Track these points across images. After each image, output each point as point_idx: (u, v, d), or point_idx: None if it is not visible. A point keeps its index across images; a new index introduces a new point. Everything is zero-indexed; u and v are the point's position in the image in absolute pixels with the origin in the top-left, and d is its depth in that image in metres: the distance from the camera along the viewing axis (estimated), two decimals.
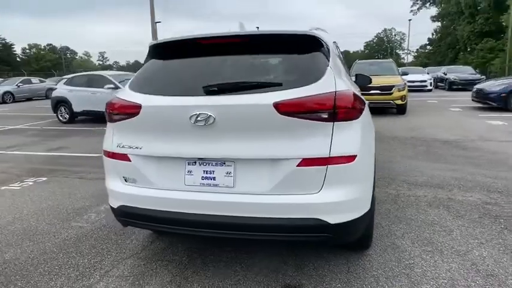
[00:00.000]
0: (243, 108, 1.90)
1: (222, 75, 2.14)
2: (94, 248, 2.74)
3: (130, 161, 2.15)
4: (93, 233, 3.02)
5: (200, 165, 2.01)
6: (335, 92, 1.81)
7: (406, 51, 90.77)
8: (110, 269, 2.42)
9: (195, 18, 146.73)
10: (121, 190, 2.20)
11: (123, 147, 2.17)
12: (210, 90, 1.96)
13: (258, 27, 2.61)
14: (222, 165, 1.96)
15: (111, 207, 2.35)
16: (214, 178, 1.98)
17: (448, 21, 54.42)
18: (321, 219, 1.84)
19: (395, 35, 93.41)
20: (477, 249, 2.54)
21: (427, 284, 2.14)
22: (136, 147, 2.12)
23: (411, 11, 63.62)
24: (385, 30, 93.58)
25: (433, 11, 62.91)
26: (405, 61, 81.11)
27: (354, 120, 1.87)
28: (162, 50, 2.38)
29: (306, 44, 2.05)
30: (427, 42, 69.63)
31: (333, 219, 1.84)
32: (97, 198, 3.90)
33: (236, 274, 2.31)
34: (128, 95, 2.17)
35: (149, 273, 2.34)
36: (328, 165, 1.82)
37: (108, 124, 2.33)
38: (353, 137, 1.86)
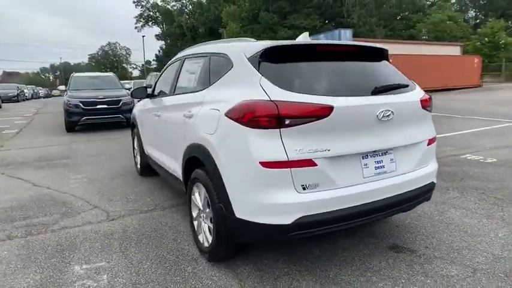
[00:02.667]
0: (407, 104, 2.34)
1: (354, 77, 2.39)
2: None
3: (316, 165, 1.98)
4: None
5: (372, 157, 2.22)
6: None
7: (132, 65, 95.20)
8: None
9: None
10: (297, 200, 1.96)
11: (306, 152, 1.97)
12: (376, 91, 2.26)
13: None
14: (385, 154, 2.29)
15: (271, 226, 1.98)
16: (383, 166, 2.27)
17: (173, 41, 62.17)
18: (433, 182, 2.62)
19: (120, 49, 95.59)
20: None
21: None
22: (325, 150, 2.00)
23: (136, 27, 67.81)
24: (109, 43, 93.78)
25: (157, 30, 69.85)
26: (132, 75, 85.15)
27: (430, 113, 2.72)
28: (286, 54, 2.28)
29: (382, 56, 2.70)
30: (155, 58, 76.26)
31: (435, 179, 2.67)
32: None
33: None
34: (301, 97, 1.99)
35: None
36: (432, 144, 2.62)
37: (264, 131, 1.96)
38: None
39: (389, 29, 48.42)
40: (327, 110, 1.99)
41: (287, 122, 1.94)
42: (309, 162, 1.97)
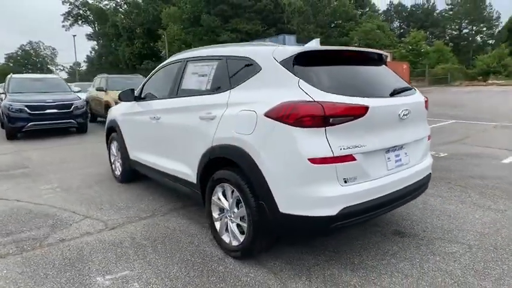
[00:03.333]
0: (417, 104, 2.66)
1: (372, 80, 2.64)
2: None
3: (355, 160, 2.17)
4: None
5: (392, 151, 2.48)
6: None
7: (59, 67, 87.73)
8: None
9: None
10: (340, 193, 2.13)
11: (346, 148, 2.14)
12: (394, 92, 2.53)
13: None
14: (401, 148, 2.57)
15: (317, 217, 2.12)
16: (400, 159, 2.54)
17: (107, 41, 58.84)
18: (430, 172, 2.98)
19: (44, 48, 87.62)
20: None
21: None
22: (361, 146, 2.20)
23: (63, 26, 62.81)
24: (31, 42, 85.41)
25: (88, 29, 65.55)
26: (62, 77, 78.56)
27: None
28: (318, 58, 2.45)
29: (384, 61, 3.00)
30: (86, 59, 71.41)
31: (431, 171, 3.05)
32: None
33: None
34: (339, 98, 2.16)
35: None
36: (429, 140, 2.99)
37: (310, 130, 2.09)
38: None
39: (325, 36, 51.37)
40: (364, 110, 2.20)
41: (331, 121, 2.12)
42: (350, 158, 2.17)
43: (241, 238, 2.55)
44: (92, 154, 6.72)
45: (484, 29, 54.56)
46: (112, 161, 4.91)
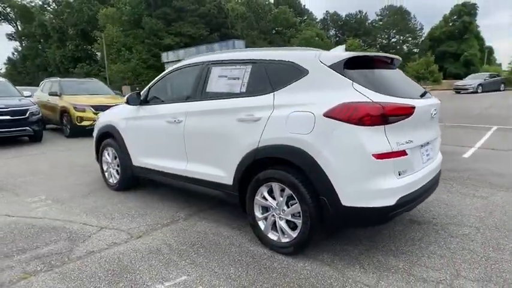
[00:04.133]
0: (438, 106, 3.02)
1: (403, 82, 2.95)
2: None
3: (406, 154, 2.43)
4: None
5: (423, 147, 2.80)
6: None
7: None
8: None
9: None
10: (397, 185, 2.38)
11: (401, 144, 2.39)
12: (422, 94, 2.87)
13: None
14: (428, 144, 2.91)
15: (377, 208, 2.33)
16: (429, 154, 2.88)
17: (33, 42, 53.95)
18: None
19: None
20: None
21: None
22: (411, 141, 2.48)
23: None
24: None
25: (9, 28, 59.48)
26: None
27: None
28: (363, 62, 2.69)
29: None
30: (6, 62, 64.47)
31: None
32: None
33: None
34: (391, 98, 2.41)
35: None
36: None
37: (372, 128, 2.30)
38: None
39: (268, 42, 52.93)
40: (412, 109, 2.49)
41: (389, 119, 2.37)
42: (403, 153, 2.44)
43: (294, 234, 2.68)
44: (62, 164, 6.25)
45: (410, 38, 60.56)
46: (105, 168, 4.67)
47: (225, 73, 3.26)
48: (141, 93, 4.06)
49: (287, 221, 2.75)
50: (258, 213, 2.92)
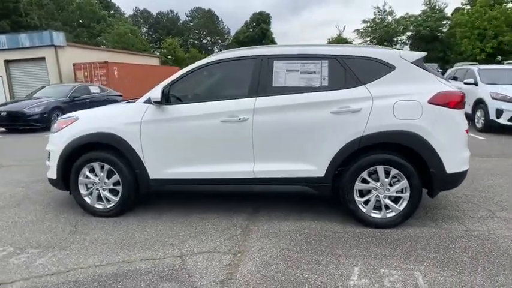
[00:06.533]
0: None
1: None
2: None
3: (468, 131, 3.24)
4: None
5: None
6: None
7: None
8: None
9: None
10: (469, 153, 3.20)
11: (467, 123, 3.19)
12: None
13: None
14: None
15: (465, 171, 3.09)
16: None
17: None
18: None
19: None
20: None
21: None
22: None
23: None
24: None
25: None
26: None
27: None
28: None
29: None
30: None
31: None
32: None
33: None
34: (453, 87, 3.15)
35: None
36: None
37: (461, 110, 3.01)
38: None
39: (75, 35, 46.64)
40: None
41: (464, 103, 3.16)
42: (468, 130, 3.28)
43: (400, 207, 3.13)
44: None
45: (220, 40, 66.07)
46: (86, 192, 3.61)
47: (295, 67, 3.28)
48: (156, 92, 3.42)
49: (389, 198, 3.15)
50: (357, 198, 3.18)
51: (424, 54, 3.24)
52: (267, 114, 3.21)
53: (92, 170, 3.57)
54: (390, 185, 3.14)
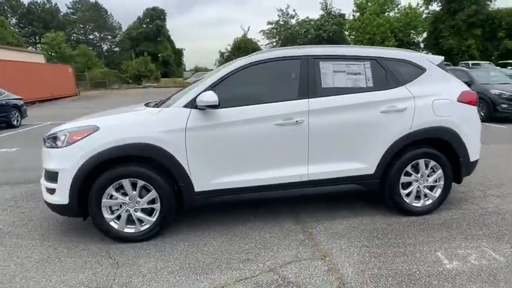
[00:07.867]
0: None
1: None
2: None
3: None
4: None
5: None
6: None
7: None
8: None
9: None
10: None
11: None
12: None
13: None
14: None
15: (477, 160, 3.60)
16: None
17: None
18: None
19: None
20: None
21: None
22: None
23: None
24: None
25: None
26: None
27: None
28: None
29: None
30: None
31: None
32: None
33: None
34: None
35: None
36: None
37: (476, 108, 3.50)
38: None
39: None
40: None
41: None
42: None
43: (436, 194, 3.53)
44: None
45: (109, 36, 60.85)
46: (112, 216, 3.08)
47: (341, 68, 3.37)
48: (193, 95, 3.12)
49: (427, 187, 3.52)
50: (402, 190, 3.46)
51: (442, 58, 3.68)
52: (321, 115, 3.22)
53: (119, 189, 3.04)
54: (428, 176, 3.49)
